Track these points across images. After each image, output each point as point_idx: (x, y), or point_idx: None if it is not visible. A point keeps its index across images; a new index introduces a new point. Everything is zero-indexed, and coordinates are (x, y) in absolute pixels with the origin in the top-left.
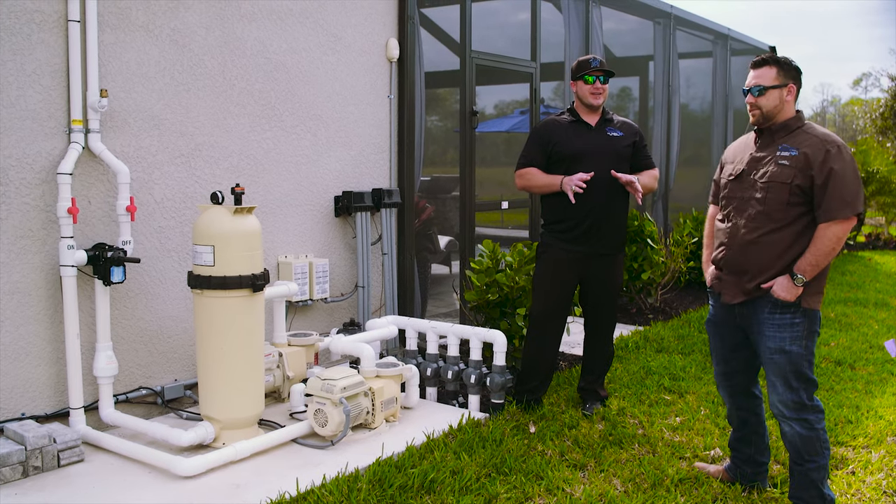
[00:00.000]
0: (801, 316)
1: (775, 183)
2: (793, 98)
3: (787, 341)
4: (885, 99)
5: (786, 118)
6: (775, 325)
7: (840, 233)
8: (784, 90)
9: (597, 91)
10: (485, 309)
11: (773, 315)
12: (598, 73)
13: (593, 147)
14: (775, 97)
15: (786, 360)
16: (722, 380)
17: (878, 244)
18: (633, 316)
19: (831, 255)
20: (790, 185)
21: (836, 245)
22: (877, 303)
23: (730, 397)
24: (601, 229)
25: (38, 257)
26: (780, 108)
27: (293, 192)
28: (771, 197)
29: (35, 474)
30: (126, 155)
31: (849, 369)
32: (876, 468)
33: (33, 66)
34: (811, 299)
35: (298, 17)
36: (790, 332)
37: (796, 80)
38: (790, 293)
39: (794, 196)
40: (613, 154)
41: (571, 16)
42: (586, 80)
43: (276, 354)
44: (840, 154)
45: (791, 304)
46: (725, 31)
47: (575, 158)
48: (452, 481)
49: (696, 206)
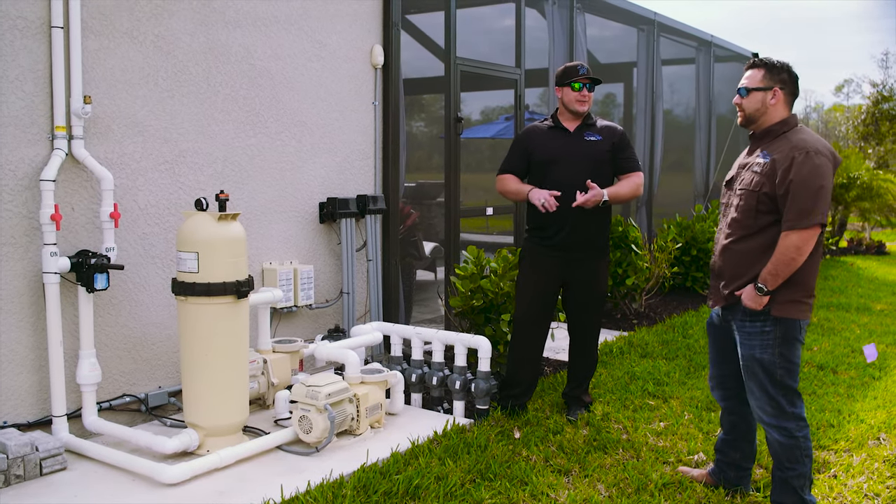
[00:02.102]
0: (771, 324)
1: (746, 190)
2: (779, 103)
3: (756, 349)
4: (867, 105)
5: (771, 123)
6: (747, 333)
7: (799, 242)
8: (768, 94)
9: (583, 98)
10: (469, 315)
11: (745, 323)
12: (586, 81)
13: (567, 152)
14: (758, 100)
15: (758, 367)
16: (715, 383)
17: (860, 249)
18: (618, 321)
19: (792, 265)
20: (758, 193)
21: (795, 255)
22: (859, 307)
23: (723, 401)
24: (579, 234)
25: (21, 264)
26: (762, 112)
27: (278, 198)
28: (743, 204)
29: (17, 483)
30: (110, 161)
31: (831, 373)
32: (857, 471)
33: (16, 73)
34: (782, 308)
35: (283, 23)
36: (760, 339)
37: (785, 84)
38: (755, 302)
39: (763, 204)
40: (589, 159)
41: (555, 22)
42: (573, 87)
43: (260, 361)
44: (805, 162)
45: (760, 312)
46: (709, 37)
47: (549, 164)
48: (437, 487)
49: (680, 212)
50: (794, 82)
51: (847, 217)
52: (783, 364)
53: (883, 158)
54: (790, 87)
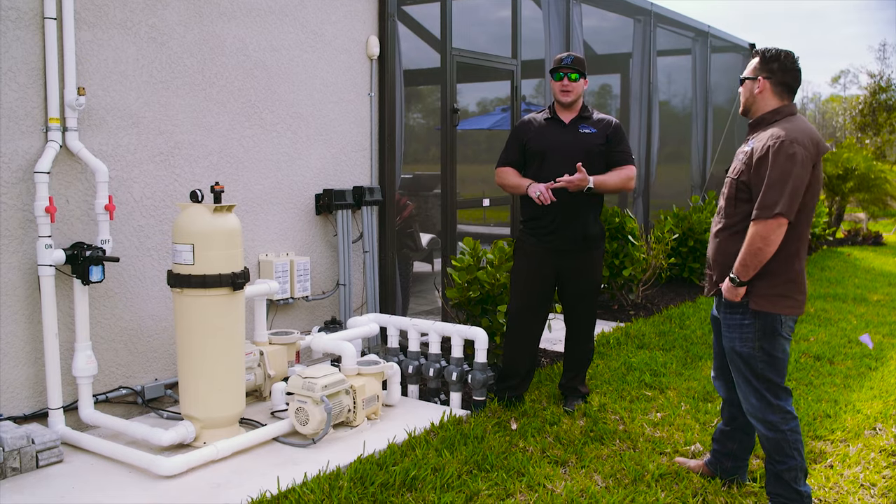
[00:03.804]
0: (750, 317)
1: (730, 179)
2: (765, 91)
3: (736, 341)
4: (864, 96)
5: (763, 112)
6: (727, 325)
7: (764, 232)
8: (754, 83)
9: (566, 89)
10: (466, 306)
11: (726, 314)
12: (567, 71)
13: (560, 144)
14: (747, 88)
15: (739, 360)
16: (717, 374)
17: (857, 240)
18: (615, 312)
19: (759, 255)
20: (737, 181)
21: (761, 244)
22: (855, 298)
23: (725, 391)
24: (571, 225)
25: (16, 257)
26: (752, 101)
27: (274, 190)
28: (727, 192)
29: (13, 475)
30: (104, 153)
31: (828, 364)
32: (853, 461)
33: (9, 64)
34: (762, 301)
35: (278, 14)
36: (739, 332)
37: (773, 73)
38: (730, 293)
39: (742, 192)
40: (582, 151)
41: (552, 13)
42: (555, 78)
43: (257, 353)
44: (779, 151)
45: (738, 304)
46: (706, 28)
47: (543, 155)
48: (434, 478)
49: (677, 203)
50: (784, 71)
51: (844, 208)
52: (763, 358)
53: (880, 149)
54: (779, 77)
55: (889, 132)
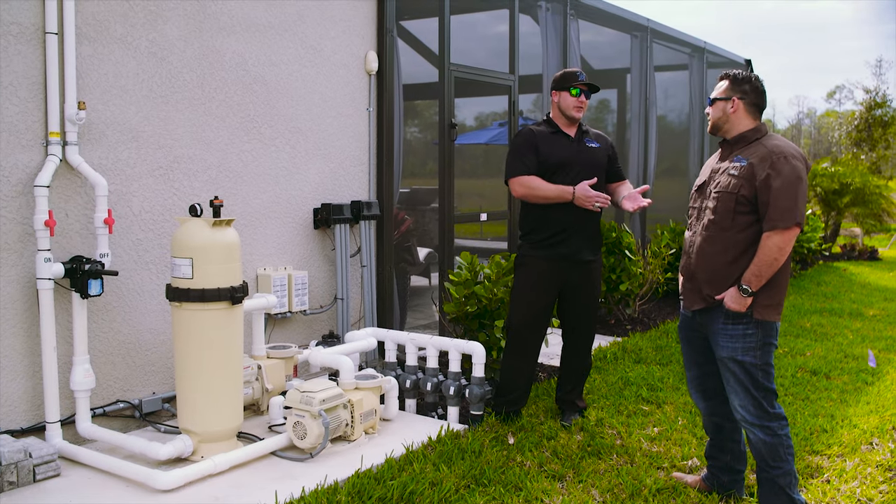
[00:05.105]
0: (753, 327)
1: (724, 193)
2: (739, 111)
3: (739, 351)
4: (860, 111)
5: (741, 130)
6: (728, 336)
7: (781, 243)
8: (727, 104)
9: (580, 105)
10: (464, 321)
11: (727, 325)
12: (585, 87)
13: (575, 158)
14: (719, 109)
15: (741, 370)
16: (695, 386)
17: (853, 255)
18: (612, 327)
19: (774, 266)
20: (736, 194)
21: (777, 255)
22: (851, 313)
23: (703, 402)
24: (578, 237)
25: (15, 270)
26: (724, 120)
27: (272, 204)
28: (720, 206)
29: (10, 489)
30: (104, 167)
31: (824, 379)
32: (850, 476)
33: (10, 79)
34: (764, 311)
35: (277, 29)
36: (742, 342)
37: (746, 94)
38: (739, 304)
39: (741, 206)
40: (593, 165)
41: (549, 29)
42: (571, 93)
43: (254, 367)
44: (784, 164)
45: (743, 314)
46: (702, 44)
47: (558, 169)
48: (432, 493)
49: (674, 218)
50: (756, 93)
51: (840, 223)
52: (763, 367)
53: (875, 164)
54: (752, 98)
55: (884, 147)
